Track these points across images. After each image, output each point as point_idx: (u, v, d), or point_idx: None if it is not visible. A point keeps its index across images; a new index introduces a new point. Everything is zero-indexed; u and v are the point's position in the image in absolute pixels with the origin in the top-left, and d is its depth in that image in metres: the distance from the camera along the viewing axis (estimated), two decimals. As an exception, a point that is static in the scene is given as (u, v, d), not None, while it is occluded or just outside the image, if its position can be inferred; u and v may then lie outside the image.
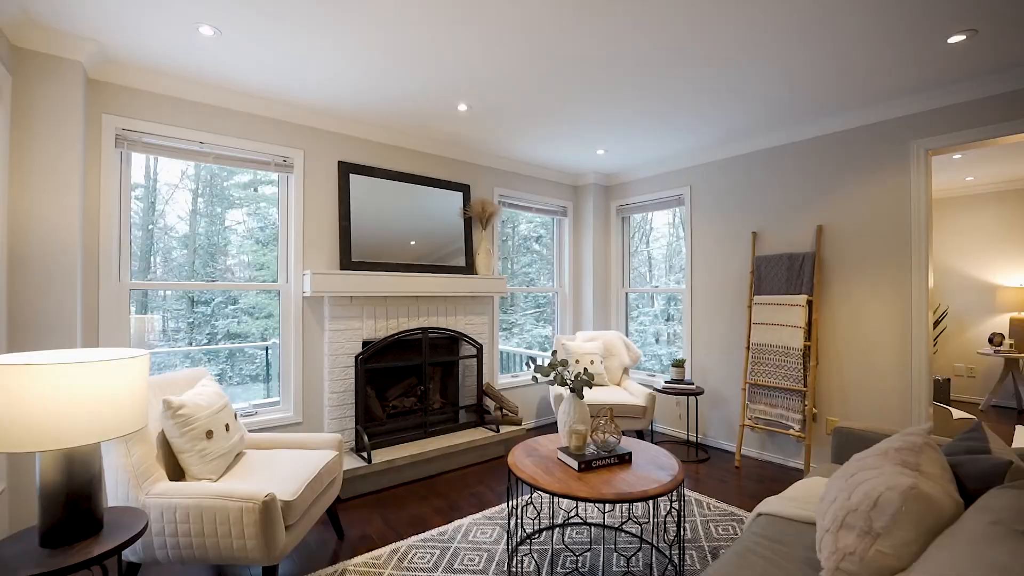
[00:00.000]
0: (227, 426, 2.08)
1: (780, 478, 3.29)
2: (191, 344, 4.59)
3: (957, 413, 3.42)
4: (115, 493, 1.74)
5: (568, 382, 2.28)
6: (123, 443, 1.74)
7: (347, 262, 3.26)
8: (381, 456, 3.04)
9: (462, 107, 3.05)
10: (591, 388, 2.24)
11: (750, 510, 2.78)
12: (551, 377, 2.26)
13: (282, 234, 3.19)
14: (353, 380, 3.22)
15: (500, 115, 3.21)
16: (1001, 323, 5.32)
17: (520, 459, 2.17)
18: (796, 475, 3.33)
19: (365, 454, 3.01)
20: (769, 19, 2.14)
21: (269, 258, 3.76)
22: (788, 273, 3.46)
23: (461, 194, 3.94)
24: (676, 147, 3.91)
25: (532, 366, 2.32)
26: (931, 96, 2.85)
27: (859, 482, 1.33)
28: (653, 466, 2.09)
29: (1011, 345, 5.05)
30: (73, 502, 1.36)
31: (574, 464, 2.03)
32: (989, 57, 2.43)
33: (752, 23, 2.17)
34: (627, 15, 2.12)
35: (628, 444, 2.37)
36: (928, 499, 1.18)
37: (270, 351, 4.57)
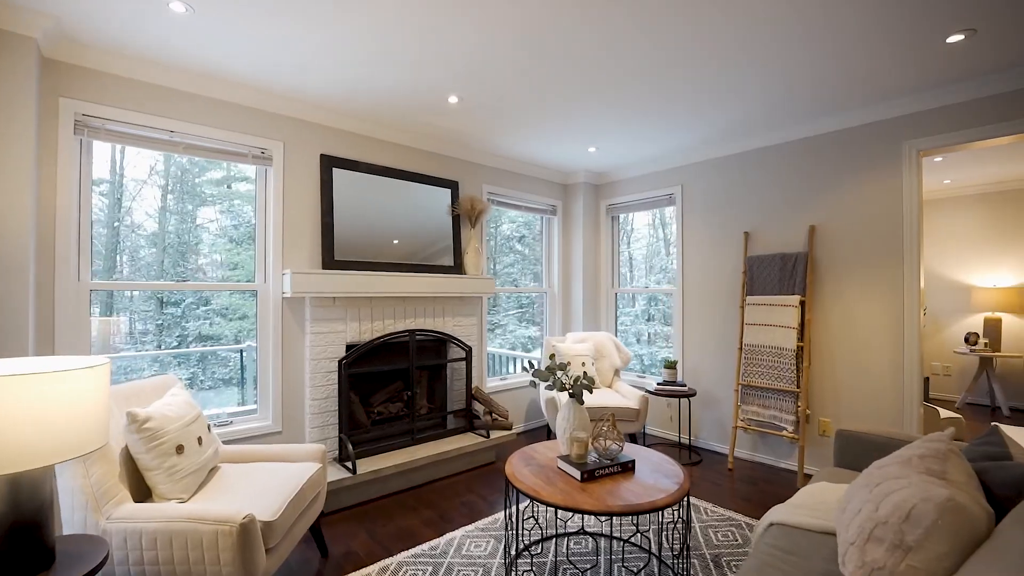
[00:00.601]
0: (199, 439, 1.91)
1: (774, 480, 3.26)
2: (160, 347, 4.34)
3: (944, 412, 3.45)
4: (71, 518, 1.56)
5: (567, 387, 2.18)
6: (80, 462, 1.56)
7: (330, 261, 3.10)
8: (366, 466, 2.88)
9: (453, 99, 2.92)
10: (591, 393, 2.14)
11: (747, 514, 2.73)
12: (550, 382, 2.16)
13: (259, 231, 3.00)
14: (336, 386, 3.05)
15: (492, 109, 3.09)
16: (976, 323, 5.46)
17: (518, 469, 2.06)
18: (789, 476, 3.31)
19: (349, 464, 2.85)
20: (770, 15, 2.09)
21: (243, 257, 3.57)
22: (781, 273, 3.44)
23: (449, 191, 3.80)
24: (669, 145, 3.86)
25: (530, 370, 2.21)
26: (925, 97, 2.86)
27: (886, 492, 1.27)
28: (658, 474, 2.01)
29: (986, 344, 5.18)
30: (19, 533, 1.19)
31: (576, 474, 1.93)
32: (986, 57, 2.43)
33: (753, 20, 2.12)
34: (627, 13, 2.04)
35: (627, 450, 2.28)
36: (964, 511, 1.12)
37: (244, 354, 4.36)
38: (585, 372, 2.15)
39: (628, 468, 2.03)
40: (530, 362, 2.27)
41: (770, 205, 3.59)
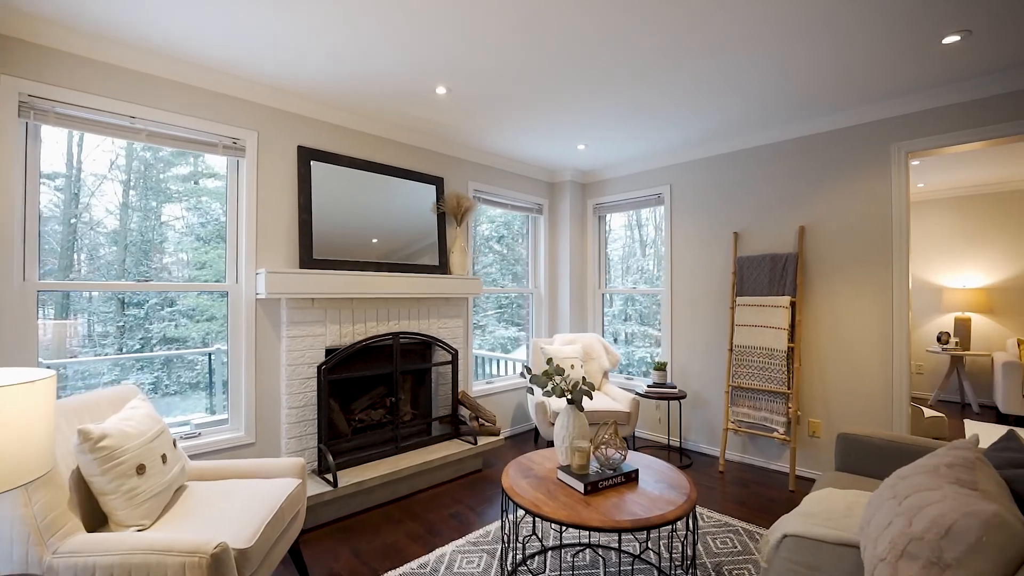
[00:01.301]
0: (164, 457, 1.71)
1: (765, 482, 3.23)
2: (121, 351, 4.05)
3: (928, 412, 3.50)
4: (9, 554, 1.36)
5: (566, 393, 2.06)
6: (21, 489, 1.36)
7: (308, 260, 2.91)
8: (348, 478, 2.71)
9: (441, 90, 2.77)
10: (591, 398, 2.03)
11: (744, 519, 2.68)
12: (548, 387, 2.04)
13: (231, 227, 2.79)
14: (315, 393, 2.86)
15: (481, 101, 2.95)
16: (947, 322, 5.62)
17: (516, 481, 1.94)
18: (781, 478, 3.29)
19: (330, 476, 2.67)
20: (769, 13, 2.04)
21: (211, 256, 3.34)
22: (771, 274, 3.42)
23: (434, 187, 3.65)
24: (659, 144, 3.80)
25: (527, 376, 2.09)
26: (915, 99, 2.86)
27: (919, 506, 1.20)
28: (662, 484, 1.91)
29: (956, 343, 5.33)
30: (-60, 581, 1.00)
31: (579, 486, 1.82)
32: (980, 60, 2.43)
33: (752, 15, 2.06)
34: (625, 3, 1.95)
35: (628, 458, 2.19)
36: (1010, 528, 1.06)
37: (212, 358, 4.12)
38: (584, 377, 2.04)
39: (632, 478, 1.93)
40: (527, 367, 2.15)
41: (760, 205, 3.57)
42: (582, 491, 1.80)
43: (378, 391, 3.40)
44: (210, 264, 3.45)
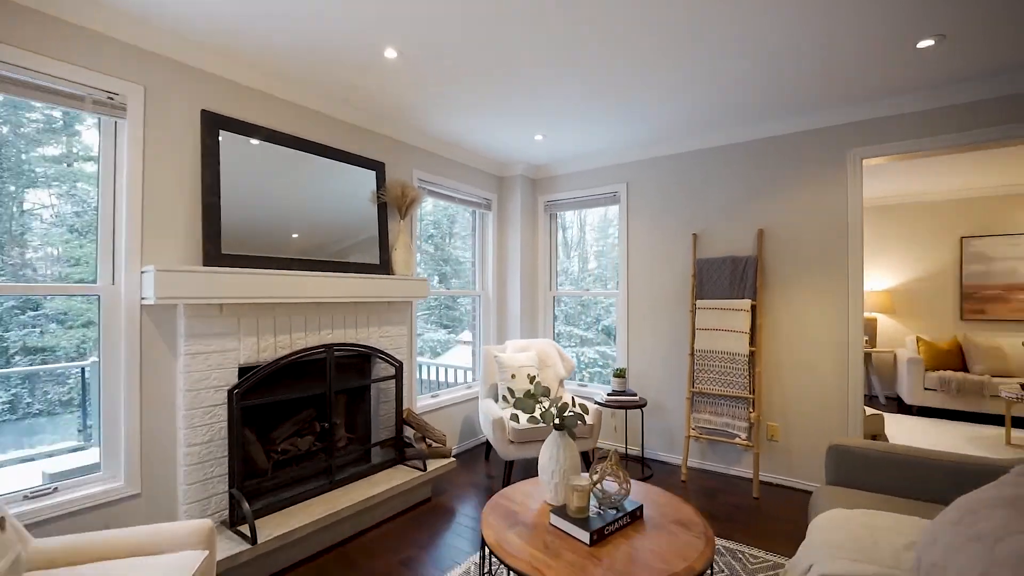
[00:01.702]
0: (-19, 551, 1.12)
1: (730, 489, 3.14)
2: (-38, 365, 3.08)
3: (868, 410, 3.65)
4: None
5: (554, 419, 1.73)
6: None
7: (215, 255, 2.30)
8: (270, 528, 2.16)
9: (391, 53, 2.31)
10: (585, 424, 1.72)
11: (720, 536, 2.52)
12: (536, 413, 1.69)
13: (105, 211, 2.12)
14: (225, 424, 2.26)
15: (437, 71, 2.52)
16: (857, 322, 6.09)
17: (502, 535, 1.56)
18: (744, 484, 3.22)
19: (246, 530, 2.10)
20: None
21: (88, 251, 2.61)
22: (732, 276, 3.35)
23: (374, 173, 3.15)
24: (619, 138, 3.59)
25: (511, 399, 1.72)
26: (877, 105, 2.90)
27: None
28: (668, 521, 1.65)
29: (866, 341, 5.79)
30: None
31: (583, 536, 1.49)
32: (950, 66, 2.45)
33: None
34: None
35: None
36: None
37: (87, 372, 3.28)
38: (574, 398, 1.72)
39: (637, 516, 1.64)
40: (509, 389, 1.78)
41: (719, 207, 3.50)
42: (587, 542, 1.48)
43: (306, 414, 2.83)
44: (86, 260, 2.69)
